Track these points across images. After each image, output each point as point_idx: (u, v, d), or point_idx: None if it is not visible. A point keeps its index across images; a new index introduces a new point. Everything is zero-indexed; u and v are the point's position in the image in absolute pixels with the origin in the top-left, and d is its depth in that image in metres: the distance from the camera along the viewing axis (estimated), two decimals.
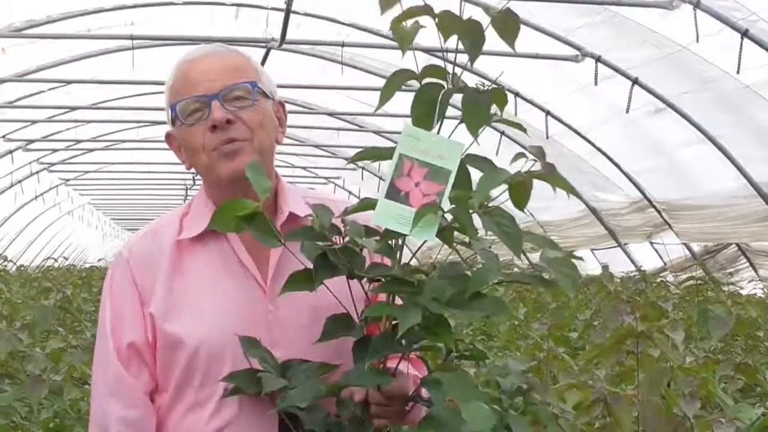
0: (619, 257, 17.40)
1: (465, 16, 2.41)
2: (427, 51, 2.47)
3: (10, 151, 20.72)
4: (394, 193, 2.37)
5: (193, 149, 2.75)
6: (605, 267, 15.19)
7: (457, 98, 2.46)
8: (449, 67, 2.46)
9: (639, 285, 10.84)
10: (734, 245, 15.23)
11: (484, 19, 2.38)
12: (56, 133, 21.12)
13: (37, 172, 24.38)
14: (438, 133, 2.42)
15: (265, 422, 2.64)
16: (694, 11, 10.29)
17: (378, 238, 2.47)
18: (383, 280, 2.48)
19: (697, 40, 10.39)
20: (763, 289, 12.82)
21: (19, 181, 23.96)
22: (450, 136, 2.42)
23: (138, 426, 2.73)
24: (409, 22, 2.42)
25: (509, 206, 2.42)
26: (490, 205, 2.36)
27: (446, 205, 2.38)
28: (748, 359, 4.82)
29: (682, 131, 13.24)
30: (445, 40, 2.39)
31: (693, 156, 13.78)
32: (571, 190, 2.49)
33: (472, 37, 2.38)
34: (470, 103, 2.39)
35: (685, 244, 16.09)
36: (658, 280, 12.52)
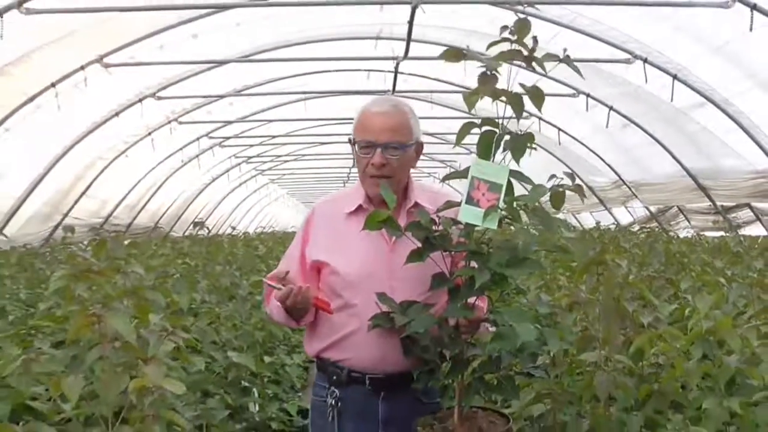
0: (606, 216, 17.17)
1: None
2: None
3: (238, 164, 21.14)
4: (470, 200, 2.37)
5: (359, 165, 2.78)
6: (598, 223, 15.10)
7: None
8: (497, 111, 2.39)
9: (617, 233, 10.68)
10: (676, 207, 14.98)
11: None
12: (265, 152, 21.29)
13: (254, 176, 24.79)
14: (493, 159, 2.38)
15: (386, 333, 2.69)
16: (644, 64, 10.13)
17: (461, 225, 2.44)
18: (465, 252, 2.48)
19: (646, 81, 10.21)
20: (692, 234, 12.64)
21: (245, 182, 24.49)
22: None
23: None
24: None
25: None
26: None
27: (501, 205, 2.39)
28: (675, 277, 4.73)
29: (641, 137, 12.99)
30: (493, 101, 2.34)
31: (648, 153, 13.51)
32: (585, 196, 2.50)
33: (516, 104, 2.33)
34: (514, 143, 2.34)
35: (646, 207, 15.84)
36: (629, 230, 12.34)
